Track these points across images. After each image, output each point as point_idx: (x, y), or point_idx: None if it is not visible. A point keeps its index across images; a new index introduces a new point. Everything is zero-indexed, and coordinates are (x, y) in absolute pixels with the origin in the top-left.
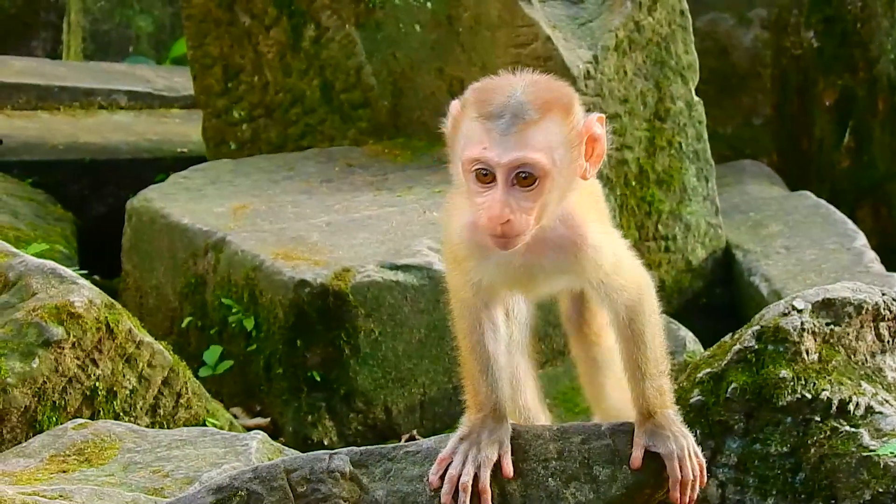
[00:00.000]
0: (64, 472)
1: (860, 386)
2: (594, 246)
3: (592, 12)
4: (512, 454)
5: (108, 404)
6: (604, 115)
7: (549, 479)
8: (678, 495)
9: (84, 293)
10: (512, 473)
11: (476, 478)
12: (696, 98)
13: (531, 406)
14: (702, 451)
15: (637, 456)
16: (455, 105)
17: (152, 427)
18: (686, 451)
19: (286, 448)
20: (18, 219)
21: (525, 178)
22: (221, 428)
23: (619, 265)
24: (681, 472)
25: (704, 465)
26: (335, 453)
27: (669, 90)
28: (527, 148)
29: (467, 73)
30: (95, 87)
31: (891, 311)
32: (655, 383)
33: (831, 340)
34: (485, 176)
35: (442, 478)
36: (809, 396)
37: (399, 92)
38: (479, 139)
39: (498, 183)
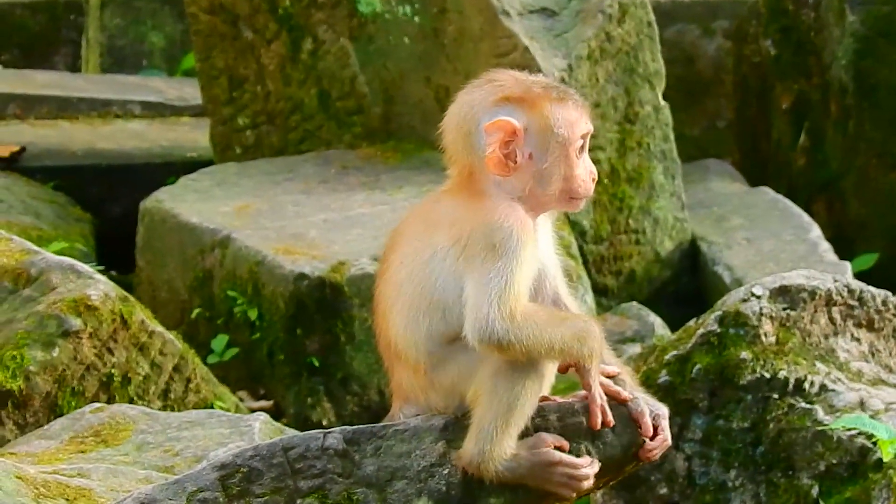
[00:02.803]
0: (82, 452)
1: (814, 366)
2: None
3: (567, 24)
4: None
5: (123, 389)
6: None
7: None
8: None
9: (100, 287)
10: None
11: None
12: (662, 102)
13: None
14: (669, 427)
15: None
16: (516, 113)
17: (164, 410)
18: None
19: (287, 428)
20: (40, 219)
21: None
22: (228, 410)
23: None
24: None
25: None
26: (329, 432)
27: (638, 95)
28: None
29: (452, 81)
30: (112, 98)
31: (842, 297)
32: None
33: (787, 324)
34: (581, 148)
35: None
36: (768, 376)
37: (390, 99)
38: (578, 115)
39: (586, 147)
